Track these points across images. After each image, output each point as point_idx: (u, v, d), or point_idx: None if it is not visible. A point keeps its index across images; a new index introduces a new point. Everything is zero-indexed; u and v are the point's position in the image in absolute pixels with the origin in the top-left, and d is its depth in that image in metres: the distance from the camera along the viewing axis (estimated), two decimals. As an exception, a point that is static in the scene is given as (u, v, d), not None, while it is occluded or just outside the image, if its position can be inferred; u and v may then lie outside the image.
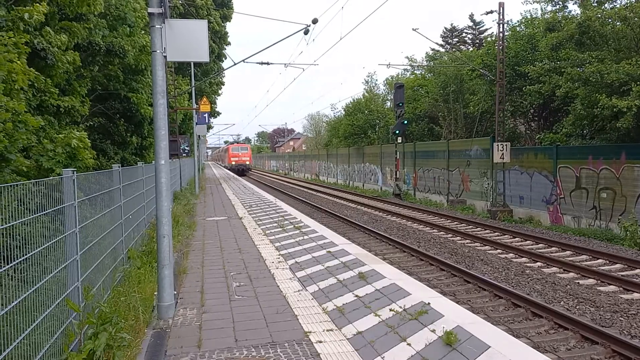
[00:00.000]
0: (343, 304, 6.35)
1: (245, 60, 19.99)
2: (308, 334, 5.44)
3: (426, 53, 53.27)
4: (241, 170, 59.48)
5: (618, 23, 16.29)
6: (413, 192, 28.86)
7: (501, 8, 21.10)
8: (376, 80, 72.75)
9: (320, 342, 5.19)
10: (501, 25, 21.16)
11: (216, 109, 46.42)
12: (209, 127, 52.34)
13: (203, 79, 34.16)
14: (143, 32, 15.29)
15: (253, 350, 5.05)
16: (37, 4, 8.65)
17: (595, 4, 17.42)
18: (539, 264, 11.87)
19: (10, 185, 3.69)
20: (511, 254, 12.96)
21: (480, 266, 11.71)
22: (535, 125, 25.31)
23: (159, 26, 6.12)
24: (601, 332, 7.12)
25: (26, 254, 3.78)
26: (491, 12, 57.06)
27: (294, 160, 65.03)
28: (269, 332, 5.57)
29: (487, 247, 14.01)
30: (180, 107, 27.66)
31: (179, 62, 27.20)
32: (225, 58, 37.33)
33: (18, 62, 7.30)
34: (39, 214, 4.11)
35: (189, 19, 22.58)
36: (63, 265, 4.54)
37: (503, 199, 20.65)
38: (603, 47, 16.83)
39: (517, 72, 22.33)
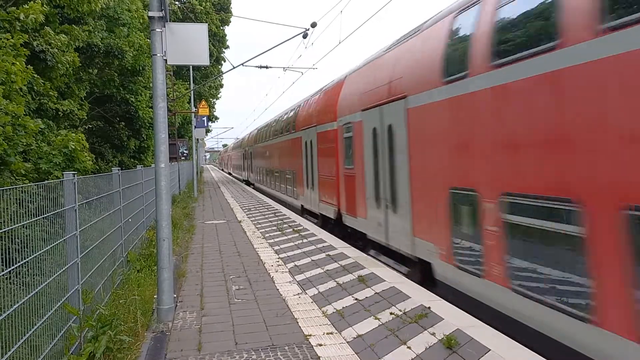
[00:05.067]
0: (343, 307, 6.34)
1: (244, 64, 19.92)
2: (308, 337, 5.43)
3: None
4: None
5: None
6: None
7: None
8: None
9: (321, 345, 5.18)
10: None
11: (214, 114, 46.31)
12: (208, 131, 52.18)
13: (202, 82, 34.16)
14: (141, 33, 15.33)
15: (253, 353, 5.04)
16: (33, 2, 8.60)
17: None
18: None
19: (10, 188, 3.69)
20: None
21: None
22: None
23: (159, 30, 6.14)
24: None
25: (26, 258, 3.78)
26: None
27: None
28: (268, 335, 5.56)
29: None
30: (179, 110, 27.67)
31: (177, 66, 27.21)
32: (224, 61, 37.31)
33: (16, 62, 7.30)
34: (39, 217, 4.10)
35: (189, 22, 22.62)
36: (63, 269, 4.54)
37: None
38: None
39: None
